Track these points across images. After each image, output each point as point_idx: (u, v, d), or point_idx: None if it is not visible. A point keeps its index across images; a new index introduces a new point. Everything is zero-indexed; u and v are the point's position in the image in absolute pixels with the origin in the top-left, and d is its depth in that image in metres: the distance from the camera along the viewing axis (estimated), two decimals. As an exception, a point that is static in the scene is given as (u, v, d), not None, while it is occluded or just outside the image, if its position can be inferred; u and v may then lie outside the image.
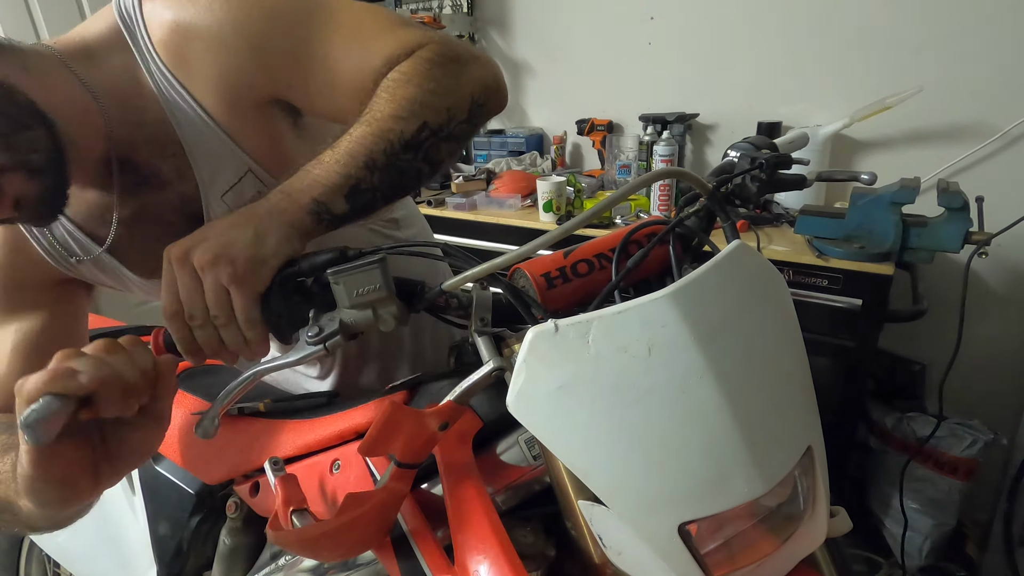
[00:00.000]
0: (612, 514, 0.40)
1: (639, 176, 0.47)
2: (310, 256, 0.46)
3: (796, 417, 0.43)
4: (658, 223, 0.53)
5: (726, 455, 0.38)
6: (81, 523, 0.84)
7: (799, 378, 0.45)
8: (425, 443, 0.46)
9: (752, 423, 0.39)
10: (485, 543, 0.43)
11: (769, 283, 0.47)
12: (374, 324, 0.45)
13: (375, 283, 0.44)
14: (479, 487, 0.46)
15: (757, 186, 0.58)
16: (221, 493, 0.76)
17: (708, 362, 0.39)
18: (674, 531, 0.38)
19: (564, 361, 0.39)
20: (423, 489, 0.56)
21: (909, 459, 1.35)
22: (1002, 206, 1.25)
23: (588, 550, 0.45)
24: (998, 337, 1.55)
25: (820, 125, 1.58)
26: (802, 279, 1.31)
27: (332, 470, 0.63)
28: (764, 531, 0.43)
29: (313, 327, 0.45)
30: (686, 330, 0.39)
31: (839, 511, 0.49)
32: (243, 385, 0.46)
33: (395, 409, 0.42)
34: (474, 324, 0.47)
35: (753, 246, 0.48)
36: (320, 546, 0.46)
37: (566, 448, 0.39)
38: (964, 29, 1.43)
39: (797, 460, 0.42)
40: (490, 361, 0.44)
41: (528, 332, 0.40)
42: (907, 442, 1.43)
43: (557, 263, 0.49)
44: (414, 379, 0.64)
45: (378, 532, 0.48)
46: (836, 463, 1.38)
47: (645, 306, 0.40)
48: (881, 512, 1.52)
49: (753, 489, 0.39)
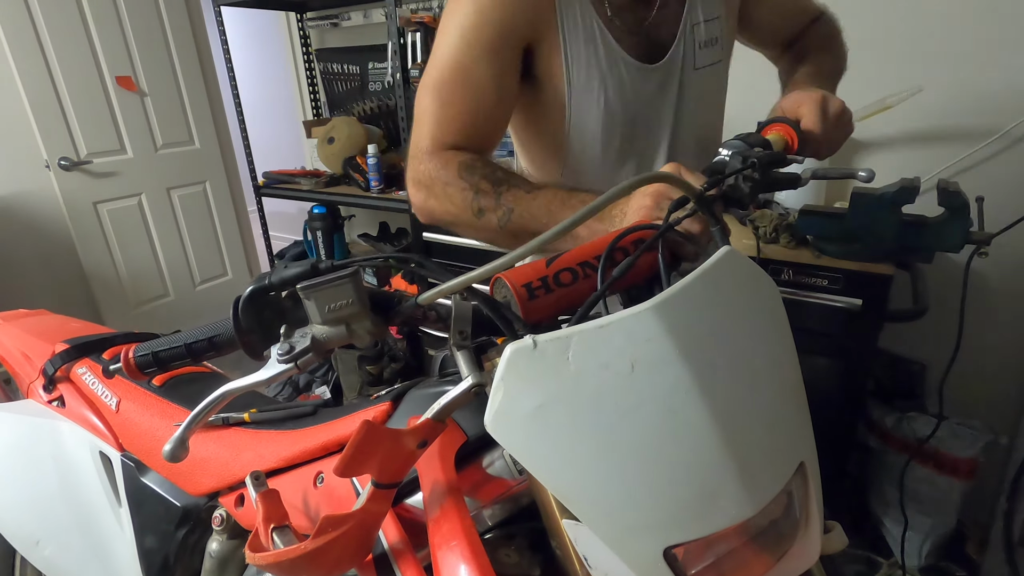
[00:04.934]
0: (596, 535, 0.38)
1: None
2: (280, 270, 0.44)
3: (788, 432, 0.41)
4: (646, 228, 0.51)
5: (713, 476, 0.37)
6: (68, 536, 0.84)
7: (791, 391, 0.43)
8: (403, 462, 0.44)
9: (741, 441, 0.37)
10: (464, 565, 0.41)
11: (760, 291, 0.45)
12: (348, 340, 0.43)
13: (347, 298, 0.42)
14: (460, 506, 0.45)
15: (750, 186, 0.55)
16: (207, 505, 0.74)
17: (694, 378, 0.37)
18: (659, 555, 0.37)
19: (543, 379, 0.38)
20: (407, 505, 0.55)
21: (909, 459, 1.34)
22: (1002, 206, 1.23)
23: (574, 571, 0.44)
24: (998, 337, 1.54)
25: (820, 125, 1.56)
26: (802, 279, 1.30)
27: (316, 483, 0.62)
28: (756, 550, 0.41)
29: (284, 344, 0.43)
30: (671, 344, 0.37)
31: (834, 526, 0.47)
32: (209, 408, 0.44)
33: (370, 429, 0.41)
34: (453, 338, 0.45)
35: (743, 252, 0.46)
36: (298, 568, 0.45)
37: (546, 470, 0.38)
38: (964, 29, 1.42)
39: (789, 478, 0.40)
40: (469, 377, 0.43)
41: (506, 349, 0.39)
42: (907, 442, 1.42)
43: (539, 272, 0.47)
44: (399, 389, 0.63)
45: (357, 552, 0.47)
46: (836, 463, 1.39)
47: (628, 320, 0.38)
48: (881, 512, 1.52)
49: (742, 511, 0.37)
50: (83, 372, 0.90)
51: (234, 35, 2.67)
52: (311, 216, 2.49)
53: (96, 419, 0.85)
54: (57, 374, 0.92)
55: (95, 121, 2.44)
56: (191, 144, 2.81)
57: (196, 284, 2.94)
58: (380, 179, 2.21)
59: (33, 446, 0.89)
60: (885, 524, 1.51)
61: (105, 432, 0.84)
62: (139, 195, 2.65)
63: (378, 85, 2.64)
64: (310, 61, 2.80)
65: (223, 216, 2.98)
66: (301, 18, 2.71)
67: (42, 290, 2.43)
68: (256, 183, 2.61)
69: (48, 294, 2.44)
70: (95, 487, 0.83)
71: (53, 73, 2.30)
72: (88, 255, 2.50)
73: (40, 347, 0.98)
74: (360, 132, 2.30)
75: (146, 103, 2.60)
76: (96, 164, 2.46)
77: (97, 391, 0.86)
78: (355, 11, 2.53)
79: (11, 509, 0.88)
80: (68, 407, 0.89)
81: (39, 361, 0.95)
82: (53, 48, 2.28)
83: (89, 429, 0.85)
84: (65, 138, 2.36)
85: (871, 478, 1.55)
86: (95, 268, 2.53)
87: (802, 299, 1.30)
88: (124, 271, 2.64)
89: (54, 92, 2.31)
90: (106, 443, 0.83)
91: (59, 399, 0.91)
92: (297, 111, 3.01)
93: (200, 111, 2.80)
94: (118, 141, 2.54)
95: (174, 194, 2.77)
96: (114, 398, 0.84)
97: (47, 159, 2.33)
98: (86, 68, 2.38)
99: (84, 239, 2.48)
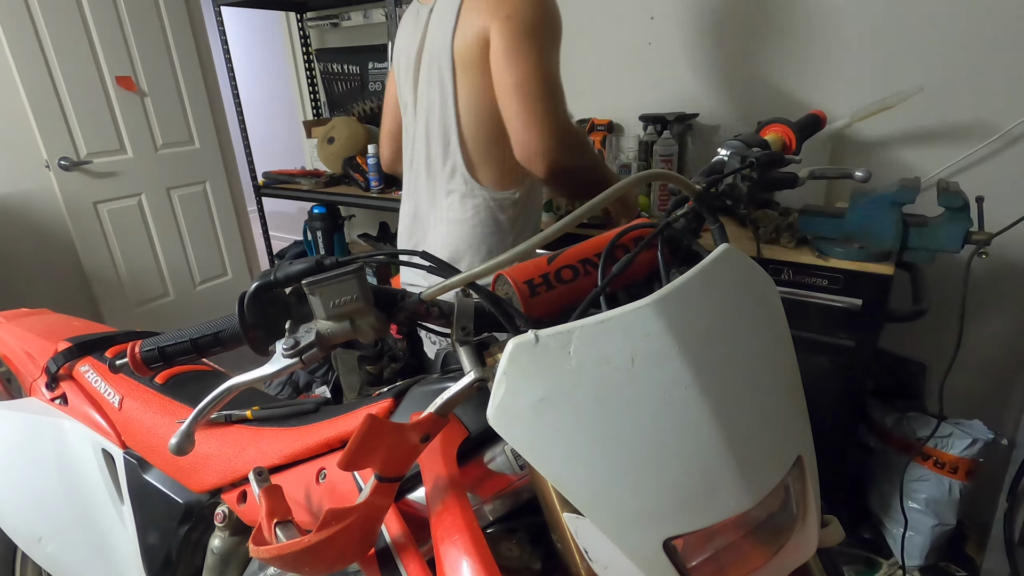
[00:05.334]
0: (597, 528, 0.39)
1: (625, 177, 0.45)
2: (285, 266, 0.44)
3: (786, 427, 0.42)
4: (646, 226, 0.52)
5: (712, 469, 0.37)
6: (71, 533, 0.84)
7: (789, 386, 0.43)
8: (406, 456, 0.45)
9: (739, 435, 0.38)
10: (466, 559, 0.42)
11: (758, 288, 0.45)
12: (352, 335, 0.44)
13: (352, 293, 0.42)
14: (462, 500, 0.45)
15: (748, 185, 0.56)
16: (209, 502, 0.75)
17: (694, 372, 0.38)
18: (659, 547, 0.37)
19: (545, 373, 0.38)
20: (409, 500, 0.55)
21: (909, 459, 1.34)
22: (1002, 206, 1.24)
23: (574, 563, 0.44)
24: (998, 337, 1.54)
25: (820, 125, 1.57)
26: (802, 279, 1.30)
27: (318, 479, 0.62)
28: (755, 543, 0.42)
29: (289, 339, 0.43)
30: (670, 339, 0.38)
31: (831, 520, 0.48)
32: (216, 401, 0.44)
33: (373, 423, 0.41)
34: (456, 333, 0.45)
35: (743, 249, 0.46)
36: (301, 561, 0.45)
37: (547, 462, 0.38)
38: (965, 29, 1.42)
39: (786, 471, 0.40)
40: (471, 372, 0.43)
41: (508, 343, 0.39)
42: (907, 442, 1.42)
43: (540, 270, 0.48)
44: (401, 385, 0.63)
45: (361, 546, 0.47)
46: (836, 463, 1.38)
47: (628, 315, 0.38)
48: (881, 512, 1.52)
49: (740, 503, 0.38)
50: (86, 370, 0.91)
51: (234, 35, 2.67)
52: (311, 216, 2.49)
53: (99, 417, 0.85)
54: (60, 372, 0.93)
55: (95, 121, 2.44)
56: (191, 144, 2.81)
57: (196, 284, 2.94)
58: (380, 179, 2.21)
59: (36, 444, 0.89)
60: (885, 524, 1.51)
61: (108, 429, 0.84)
62: (139, 195, 2.65)
63: (378, 85, 2.64)
64: (310, 61, 2.81)
65: (223, 216, 2.99)
66: (301, 18, 2.72)
67: (42, 290, 2.43)
68: (256, 183, 2.62)
69: (48, 294, 2.44)
70: (97, 484, 0.83)
71: (53, 73, 2.30)
72: (88, 255, 2.51)
73: (43, 346, 0.99)
74: (360, 132, 2.30)
75: (146, 103, 2.60)
76: (96, 164, 2.46)
77: (100, 389, 0.87)
78: (355, 11, 2.53)
79: (13, 506, 0.89)
80: (71, 405, 0.90)
81: (42, 359, 0.96)
82: (53, 48, 2.28)
83: (91, 427, 0.86)
84: (65, 138, 2.36)
85: (871, 478, 1.55)
86: (95, 268, 2.53)
87: (802, 299, 1.30)
88: (124, 271, 2.64)
89: (54, 92, 2.31)
90: (109, 440, 0.84)
91: (62, 397, 0.92)
92: (297, 111, 3.01)
93: (200, 111, 2.80)
94: (118, 141, 2.54)
95: (174, 194, 2.78)
96: (117, 396, 0.84)
97: (47, 159, 2.33)
98: (86, 68, 2.39)
99: (84, 239, 2.48)
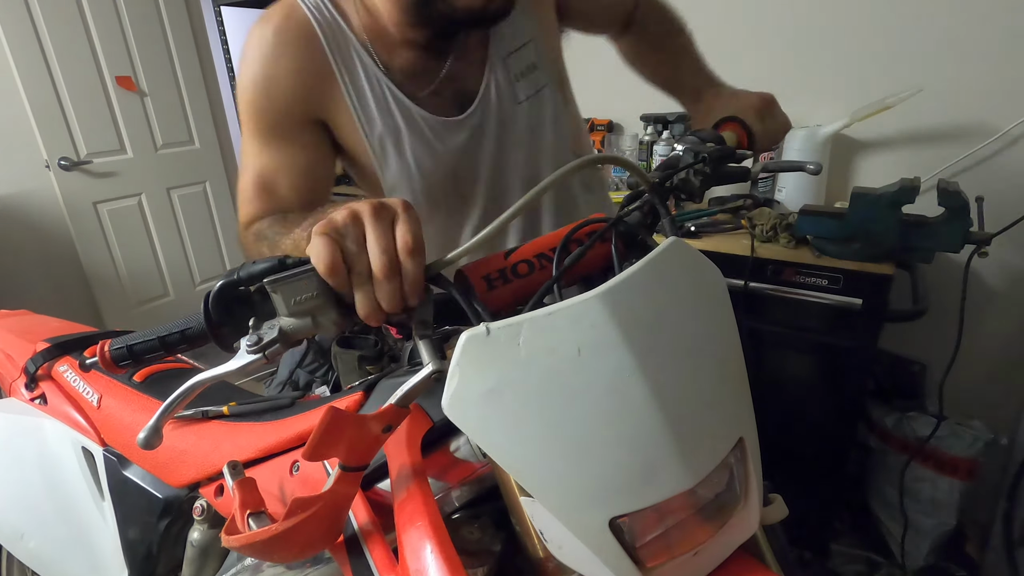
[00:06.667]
0: (547, 510, 0.41)
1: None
2: (248, 265, 0.46)
3: (728, 410, 0.44)
4: (601, 220, 0.54)
5: (654, 450, 0.39)
6: (53, 530, 0.85)
7: (732, 372, 0.45)
8: (369, 446, 0.46)
9: (681, 418, 0.40)
10: (426, 542, 0.44)
11: (706, 279, 0.47)
12: (314, 331, 0.45)
13: (312, 291, 0.44)
14: (424, 488, 0.47)
15: (700, 180, 0.58)
16: (188, 496, 0.76)
17: (638, 361, 0.39)
18: (605, 526, 0.39)
19: (496, 363, 0.40)
20: (378, 489, 0.57)
21: (909, 459, 1.34)
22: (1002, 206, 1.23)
23: (532, 545, 0.46)
24: (998, 337, 1.53)
25: (820, 125, 1.57)
26: (802, 278, 1.29)
27: (292, 472, 0.64)
28: (699, 521, 0.44)
29: (253, 336, 0.45)
30: (615, 330, 0.40)
31: (776, 498, 0.50)
32: (183, 397, 0.46)
33: (335, 415, 0.43)
34: (416, 328, 0.47)
35: (690, 243, 0.48)
36: (271, 549, 0.47)
37: (499, 449, 0.40)
38: (964, 29, 1.41)
39: (727, 452, 0.43)
40: (429, 364, 0.45)
41: (461, 336, 0.41)
42: (907, 442, 1.42)
43: (497, 264, 0.50)
44: (371, 379, 0.65)
45: (328, 533, 0.49)
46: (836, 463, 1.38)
47: (575, 307, 0.40)
48: (881, 512, 1.52)
49: (681, 482, 0.40)
50: (64, 370, 0.92)
51: (234, 35, 2.65)
52: (305, 215, 2.49)
53: (78, 415, 0.86)
54: (39, 372, 0.94)
55: (95, 121, 2.43)
56: (191, 144, 2.80)
57: (196, 284, 2.94)
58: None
59: (16, 443, 0.90)
60: (885, 524, 1.51)
61: (87, 428, 0.85)
62: (139, 195, 2.64)
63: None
64: (304, 60, 2.79)
65: (223, 216, 2.98)
66: (294, 17, 2.70)
67: (42, 290, 2.41)
68: (254, 183, 2.61)
69: (48, 294, 2.42)
70: (78, 481, 0.84)
71: (53, 73, 2.28)
72: (88, 255, 2.49)
73: (21, 346, 0.99)
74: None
75: (146, 103, 2.59)
76: (96, 164, 2.45)
77: (79, 388, 0.88)
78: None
79: (-4, 505, 0.90)
80: (50, 404, 0.91)
81: (21, 360, 0.96)
82: (53, 48, 2.26)
83: (71, 425, 0.87)
84: (65, 138, 2.35)
85: (871, 478, 1.54)
86: (95, 268, 2.52)
87: (802, 299, 1.30)
88: (124, 271, 2.63)
89: (54, 92, 2.29)
90: (88, 438, 0.85)
91: (41, 397, 0.92)
92: (292, 110, 3.00)
93: (200, 111, 2.79)
94: (118, 141, 2.53)
95: (174, 194, 2.77)
96: (95, 394, 0.85)
97: (47, 159, 2.32)
98: (86, 68, 2.37)
99: (84, 239, 2.47)
